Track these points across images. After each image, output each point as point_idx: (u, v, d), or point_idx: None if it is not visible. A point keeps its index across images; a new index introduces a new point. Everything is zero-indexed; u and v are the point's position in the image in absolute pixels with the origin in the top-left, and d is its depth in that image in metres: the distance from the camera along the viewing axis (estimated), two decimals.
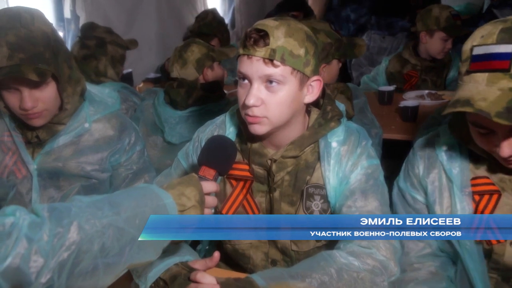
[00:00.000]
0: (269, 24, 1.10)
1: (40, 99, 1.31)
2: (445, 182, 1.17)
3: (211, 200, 1.03)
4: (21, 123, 1.41)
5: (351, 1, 4.57)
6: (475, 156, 1.15)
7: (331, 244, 1.18)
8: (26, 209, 0.75)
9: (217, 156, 1.07)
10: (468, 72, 1.02)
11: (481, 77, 0.99)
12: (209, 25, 3.38)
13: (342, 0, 4.78)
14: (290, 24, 1.11)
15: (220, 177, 1.24)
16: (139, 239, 0.87)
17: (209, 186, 1.03)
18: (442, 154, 1.17)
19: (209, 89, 2.15)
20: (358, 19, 4.28)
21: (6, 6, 2.32)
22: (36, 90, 1.30)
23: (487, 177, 1.13)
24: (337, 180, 1.18)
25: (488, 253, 1.14)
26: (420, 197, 1.23)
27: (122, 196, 0.87)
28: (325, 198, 1.20)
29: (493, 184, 1.12)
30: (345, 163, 1.18)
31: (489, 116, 0.93)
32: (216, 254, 1.07)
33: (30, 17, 1.27)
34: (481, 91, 0.97)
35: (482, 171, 1.15)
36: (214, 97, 2.16)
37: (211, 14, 3.46)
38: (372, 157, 1.21)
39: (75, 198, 0.82)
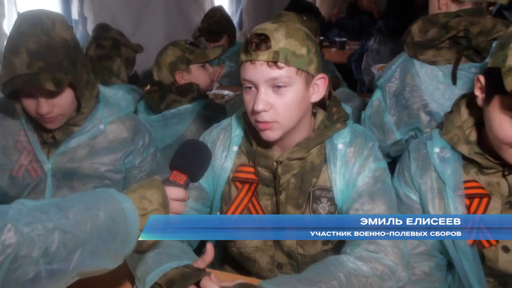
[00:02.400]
0: (268, 27, 1.10)
1: (56, 105, 1.33)
2: (438, 183, 1.17)
3: (177, 206, 0.96)
4: (38, 124, 1.43)
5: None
6: (464, 160, 1.15)
7: (338, 247, 1.17)
8: None
9: (190, 161, 1.03)
10: None
11: None
12: (218, 23, 3.38)
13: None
14: (289, 25, 1.11)
15: (210, 183, 1.23)
16: (140, 239, 0.85)
17: (176, 192, 0.96)
18: (435, 157, 1.18)
19: (182, 92, 2.08)
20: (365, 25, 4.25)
21: (14, 9, 2.34)
22: (52, 97, 1.32)
23: (476, 181, 1.14)
24: (344, 183, 1.17)
25: (482, 257, 1.13)
26: (414, 196, 1.23)
27: (73, 200, 0.81)
28: (332, 200, 1.19)
29: (482, 188, 1.13)
30: (352, 165, 1.18)
31: None
32: (209, 247, 1.04)
33: (51, 23, 1.28)
34: None
35: (471, 175, 1.15)
36: (187, 100, 2.08)
37: (219, 12, 3.46)
38: (379, 160, 1.20)
39: (17, 201, 0.76)
